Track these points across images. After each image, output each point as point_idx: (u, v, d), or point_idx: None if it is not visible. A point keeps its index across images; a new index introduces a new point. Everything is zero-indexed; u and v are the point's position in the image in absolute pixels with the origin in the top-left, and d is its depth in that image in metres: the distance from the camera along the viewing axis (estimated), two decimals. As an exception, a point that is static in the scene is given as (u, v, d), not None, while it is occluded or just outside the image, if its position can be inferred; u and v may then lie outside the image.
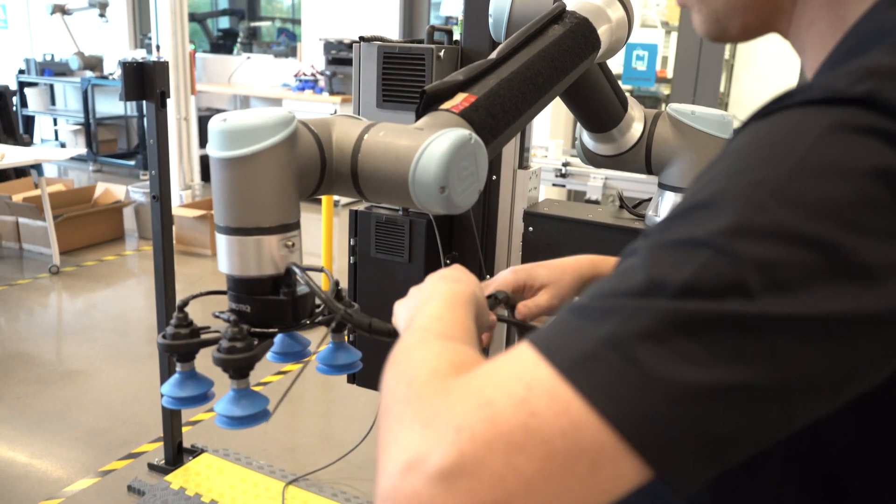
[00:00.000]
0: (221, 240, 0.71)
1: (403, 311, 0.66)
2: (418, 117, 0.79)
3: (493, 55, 0.85)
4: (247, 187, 0.69)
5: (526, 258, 1.75)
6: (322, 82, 6.51)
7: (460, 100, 0.78)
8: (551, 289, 0.81)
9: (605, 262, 0.87)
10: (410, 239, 1.71)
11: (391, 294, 0.69)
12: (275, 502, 2.30)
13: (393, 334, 0.71)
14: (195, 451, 2.56)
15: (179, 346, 0.70)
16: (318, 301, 0.73)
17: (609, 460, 0.35)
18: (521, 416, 0.36)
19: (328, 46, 6.46)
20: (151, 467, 2.52)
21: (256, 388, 0.71)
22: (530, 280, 0.81)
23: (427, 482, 0.35)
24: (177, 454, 2.51)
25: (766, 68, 5.89)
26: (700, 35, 0.60)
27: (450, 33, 1.68)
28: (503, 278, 0.81)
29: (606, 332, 0.36)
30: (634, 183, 3.11)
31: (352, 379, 1.78)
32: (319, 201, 4.72)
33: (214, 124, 0.68)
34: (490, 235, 1.77)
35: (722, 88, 5.86)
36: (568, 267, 0.84)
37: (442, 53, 1.58)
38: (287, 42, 7.86)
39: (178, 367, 0.71)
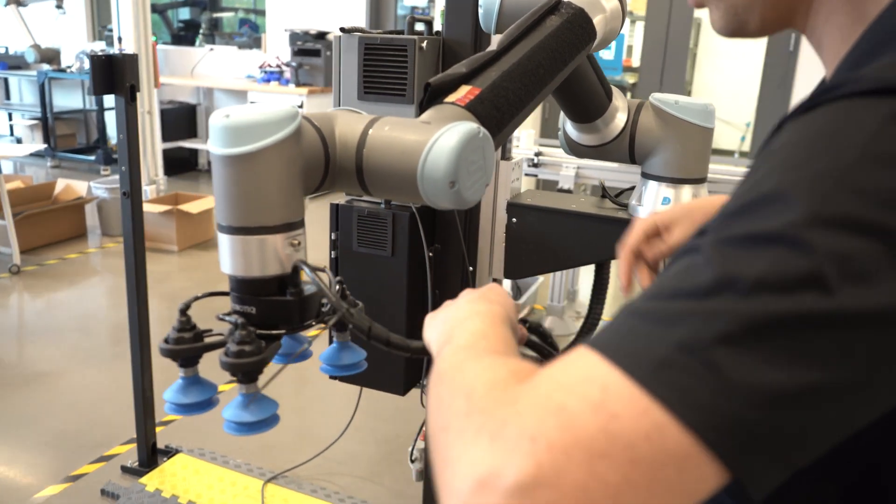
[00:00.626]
0: (224, 239, 0.69)
1: (438, 326, 0.64)
2: (422, 110, 0.77)
3: (494, 47, 0.83)
4: (251, 185, 0.66)
5: (510, 249, 1.74)
6: (288, 74, 6.42)
7: (464, 92, 0.76)
8: (684, 223, 0.86)
9: None
10: (394, 232, 1.69)
11: (375, 289, 0.68)
12: (254, 501, 2.26)
13: (392, 344, 0.70)
14: (170, 452, 2.51)
15: (184, 350, 0.67)
16: (324, 300, 0.71)
17: (693, 466, 0.34)
18: (600, 420, 0.34)
19: (294, 37, 6.38)
20: (125, 470, 2.47)
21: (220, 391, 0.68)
22: (661, 222, 0.87)
23: (504, 498, 0.33)
24: (151, 455, 2.46)
25: (728, 57, 5.97)
26: (717, 31, 0.60)
27: (430, 24, 1.66)
28: (638, 227, 0.89)
29: (680, 337, 0.35)
30: (608, 172, 3.12)
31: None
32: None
33: (217, 120, 0.66)
34: (473, 227, 1.75)
35: (685, 76, 5.92)
36: (697, 204, 0.90)
37: (424, 44, 1.56)
38: (250, 33, 7.72)
39: (182, 373, 0.69)
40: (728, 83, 5.95)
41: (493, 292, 0.68)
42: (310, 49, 6.32)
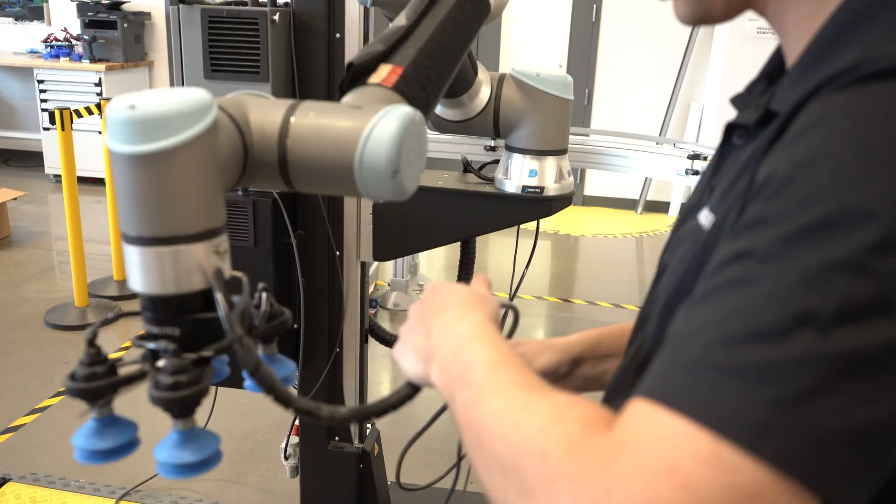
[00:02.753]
0: (133, 253, 0.58)
1: (421, 357, 0.60)
2: (343, 93, 0.70)
3: (403, 20, 0.77)
4: (166, 188, 0.57)
5: (377, 231, 1.69)
6: (80, 48, 5.81)
7: (387, 72, 0.70)
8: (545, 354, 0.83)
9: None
10: (255, 220, 1.58)
11: (239, 284, 0.61)
12: (107, 523, 2.06)
13: (274, 391, 0.59)
14: (-4, 483, 2.22)
15: (98, 388, 0.57)
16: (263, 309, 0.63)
17: None
18: (717, 476, 0.33)
19: (83, 7, 5.77)
20: (-59, 510, 2.15)
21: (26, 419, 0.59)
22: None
23: None
24: (-27, 490, 2.16)
25: (531, 22, 6.18)
26: (681, 20, 0.59)
27: (274, -7, 1.55)
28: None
29: (775, 396, 0.34)
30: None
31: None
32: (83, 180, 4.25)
33: (118, 111, 0.55)
34: (338, 210, 1.68)
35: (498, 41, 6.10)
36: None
37: (277, 17, 1.45)
38: (24, 2, 6.88)
39: (95, 413, 0.58)
40: (534, 51, 6.19)
41: (452, 298, 0.63)
42: (103, 21, 5.76)
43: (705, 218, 0.55)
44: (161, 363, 0.57)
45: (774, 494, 0.34)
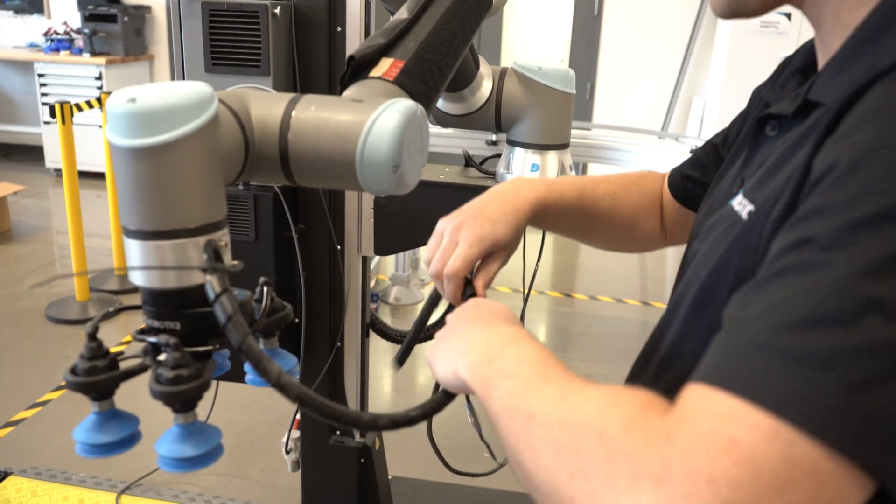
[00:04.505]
0: (134, 246, 0.58)
1: (457, 358, 0.59)
2: (344, 86, 0.70)
3: (405, 13, 0.77)
4: (167, 181, 0.56)
5: (378, 225, 1.69)
6: (80, 42, 5.80)
7: (388, 65, 0.70)
8: (507, 250, 0.77)
9: (555, 191, 0.83)
10: (256, 215, 1.58)
11: (239, 276, 0.61)
12: (108, 517, 2.07)
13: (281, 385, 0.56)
14: (-2, 476, 2.22)
15: (99, 382, 0.57)
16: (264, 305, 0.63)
17: (860, 483, 0.34)
18: (778, 450, 0.33)
19: (83, 0, 5.76)
20: (-57, 504, 2.16)
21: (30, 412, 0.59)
22: (495, 248, 0.76)
23: None
24: (-26, 483, 2.17)
25: (533, 16, 6.17)
26: (717, 14, 0.59)
27: (275, -14, 1.54)
28: (471, 256, 0.74)
29: (840, 381, 0.34)
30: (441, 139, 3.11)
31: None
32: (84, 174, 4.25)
33: (118, 105, 0.55)
34: (339, 204, 1.68)
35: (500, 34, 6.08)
36: (519, 214, 0.78)
37: (278, 10, 1.44)
38: (25, -4, 6.87)
39: (96, 407, 0.58)
40: (536, 45, 6.18)
41: (492, 310, 0.65)
42: (104, 14, 5.75)
43: (740, 205, 0.56)
44: (162, 357, 0.57)
45: (833, 473, 0.34)
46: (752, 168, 0.59)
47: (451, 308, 0.75)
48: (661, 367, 0.65)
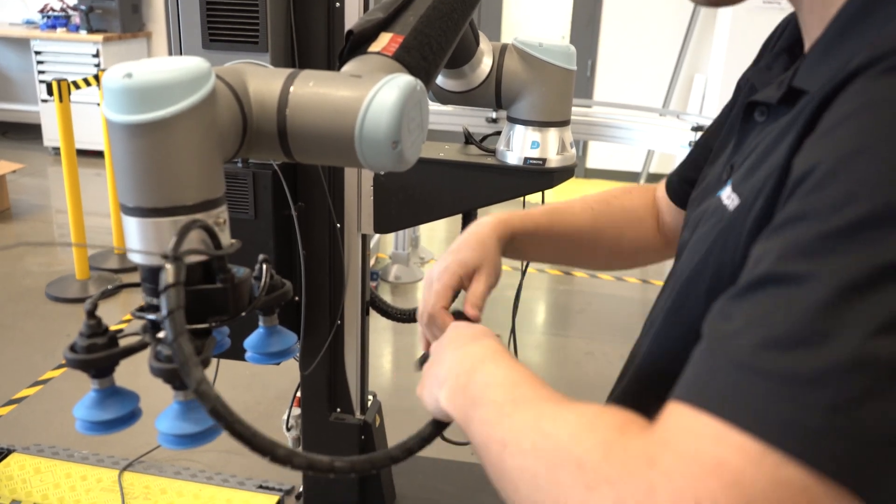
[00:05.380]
0: (132, 223, 0.58)
1: (437, 389, 0.59)
2: (343, 62, 0.69)
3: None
4: (164, 158, 0.56)
5: (378, 203, 1.69)
6: (77, 19, 5.75)
7: (387, 40, 0.69)
8: (484, 269, 0.76)
9: (518, 216, 0.83)
10: (255, 192, 1.57)
11: (239, 254, 0.61)
12: (111, 494, 2.08)
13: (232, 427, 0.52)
14: (1, 453, 2.24)
15: (99, 359, 0.56)
16: (263, 282, 0.63)
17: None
18: (765, 471, 0.33)
19: (80, -23, 5.70)
20: (-53, 480, 2.17)
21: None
22: (465, 270, 0.76)
23: None
24: (-22, 460, 2.18)
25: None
26: (700, 2, 0.57)
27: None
28: (442, 288, 0.75)
29: (823, 402, 0.33)
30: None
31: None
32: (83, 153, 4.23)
33: (115, 80, 0.54)
34: (338, 182, 1.67)
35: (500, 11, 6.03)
36: (482, 236, 0.78)
37: (276, -15, 1.43)
38: (21, -28, 6.79)
39: (96, 385, 0.58)
40: (537, 21, 6.12)
41: (465, 330, 0.65)
42: (101, -10, 5.69)
43: (728, 198, 0.54)
44: (161, 334, 0.57)
45: (822, 494, 0.33)
46: (741, 155, 0.58)
47: None
48: (645, 361, 0.65)
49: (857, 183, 0.36)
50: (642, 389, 0.66)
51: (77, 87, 3.43)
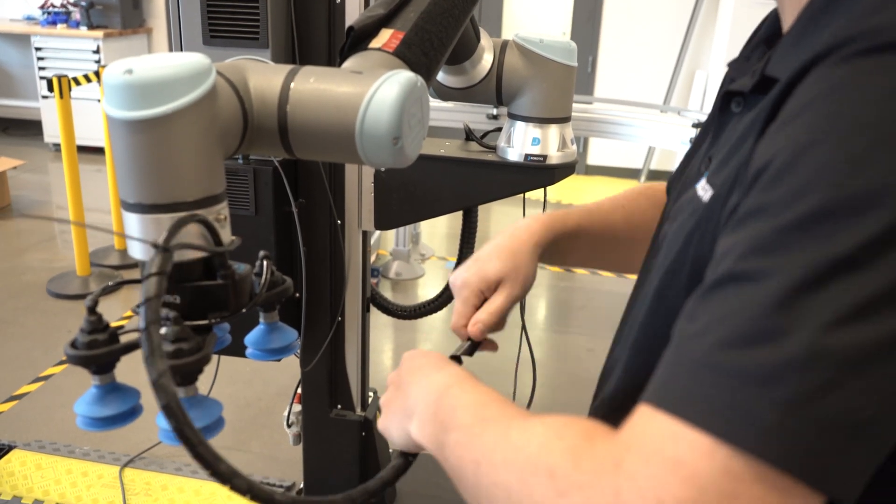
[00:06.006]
0: (132, 220, 0.58)
1: (404, 420, 0.59)
2: (344, 58, 0.69)
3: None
4: (165, 154, 0.56)
5: (378, 199, 1.68)
6: (77, 15, 5.74)
7: (388, 37, 0.69)
8: (508, 282, 0.75)
9: (558, 218, 0.82)
10: (256, 189, 1.57)
11: (239, 251, 0.61)
12: (112, 490, 2.09)
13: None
14: (2, 449, 2.24)
15: (99, 355, 0.56)
16: (265, 278, 0.63)
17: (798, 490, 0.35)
18: (717, 465, 0.34)
19: (80, -27, 5.69)
20: (-51, 476, 2.17)
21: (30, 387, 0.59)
22: (486, 284, 0.75)
23: None
24: (-21, 456, 2.19)
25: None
26: None
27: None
28: (462, 306, 0.74)
29: (778, 398, 0.34)
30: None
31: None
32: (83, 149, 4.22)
33: (115, 76, 0.54)
34: (339, 178, 1.67)
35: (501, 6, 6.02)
36: (516, 246, 0.77)
37: (276, -19, 1.42)
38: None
39: (97, 381, 0.58)
40: (538, 17, 6.12)
41: (422, 360, 0.64)
42: (101, -14, 5.69)
43: (703, 189, 0.54)
44: (162, 331, 0.57)
45: (776, 487, 0.34)
46: (718, 146, 0.58)
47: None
48: (632, 356, 0.65)
49: (809, 176, 0.37)
50: (631, 390, 0.66)
51: (77, 83, 3.43)
